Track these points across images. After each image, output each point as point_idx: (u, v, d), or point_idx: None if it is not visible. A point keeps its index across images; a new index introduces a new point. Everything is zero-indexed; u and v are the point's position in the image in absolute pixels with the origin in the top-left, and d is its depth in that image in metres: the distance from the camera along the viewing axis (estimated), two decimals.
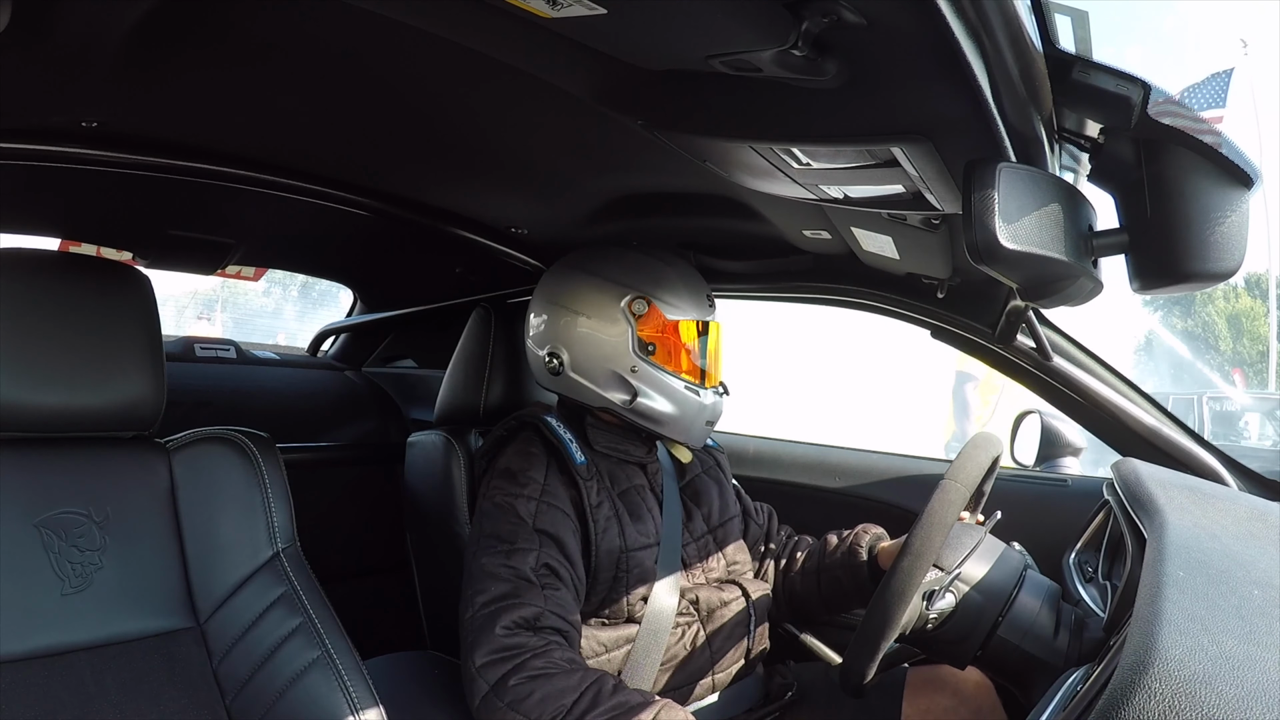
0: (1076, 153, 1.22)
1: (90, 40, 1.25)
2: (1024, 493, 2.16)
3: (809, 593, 1.99)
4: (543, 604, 1.55)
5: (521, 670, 1.45)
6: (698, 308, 1.84)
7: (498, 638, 1.49)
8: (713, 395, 1.85)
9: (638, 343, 1.80)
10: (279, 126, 1.73)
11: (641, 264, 1.86)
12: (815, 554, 2.00)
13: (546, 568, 1.60)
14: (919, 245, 1.65)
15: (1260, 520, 1.29)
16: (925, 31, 0.85)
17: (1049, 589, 1.50)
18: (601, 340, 1.82)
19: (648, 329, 1.81)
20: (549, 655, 1.48)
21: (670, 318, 1.81)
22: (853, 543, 1.92)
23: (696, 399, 1.82)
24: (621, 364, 1.81)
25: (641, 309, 1.81)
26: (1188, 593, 0.90)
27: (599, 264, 1.87)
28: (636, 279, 1.83)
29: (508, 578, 1.56)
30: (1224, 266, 1.01)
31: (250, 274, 3.12)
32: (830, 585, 1.94)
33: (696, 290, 1.85)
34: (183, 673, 1.38)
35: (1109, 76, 1.00)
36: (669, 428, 1.82)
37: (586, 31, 1.06)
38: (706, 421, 1.86)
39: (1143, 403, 1.93)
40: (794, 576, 2.02)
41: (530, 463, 1.72)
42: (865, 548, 1.90)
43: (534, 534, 1.62)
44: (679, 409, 1.81)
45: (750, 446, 2.71)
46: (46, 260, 1.44)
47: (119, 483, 1.43)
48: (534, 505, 1.66)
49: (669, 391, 1.80)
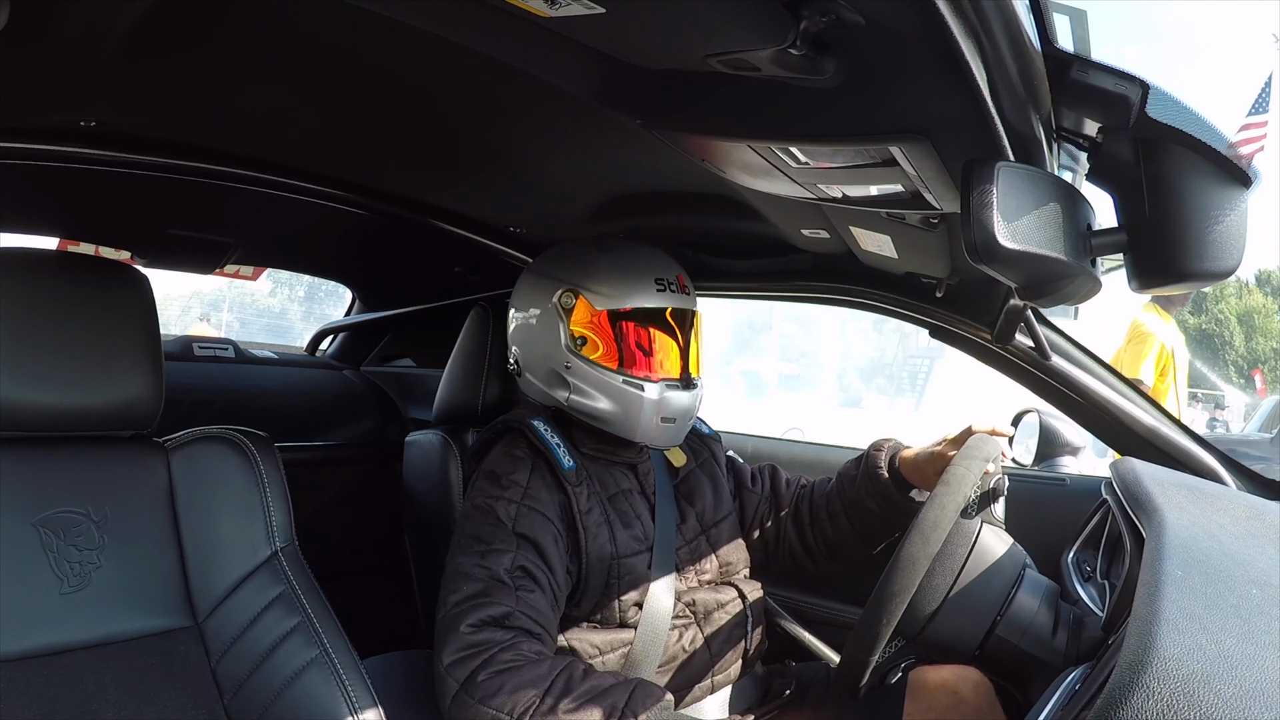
0: (1075, 152, 1.22)
1: (89, 40, 1.25)
2: (1022, 492, 2.16)
3: (842, 534, 1.94)
4: (513, 604, 1.52)
5: (490, 665, 1.43)
6: (639, 294, 1.75)
7: (463, 635, 1.47)
8: (662, 389, 1.74)
9: (570, 337, 1.77)
10: (278, 126, 1.73)
11: (575, 255, 1.82)
12: (836, 494, 1.96)
13: (522, 570, 1.57)
14: (918, 244, 1.65)
15: (1258, 519, 1.30)
16: (924, 30, 0.85)
17: (1047, 588, 1.50)
18: (540, 338, 1.81)
19: (578, 322, 1.77)
20: (517, 648, 1.46)
21: (599, 308, 1.75)
22: (870, 465, 1.88)
23: (638, 394, 1.73)
24: (558, 361, 1.79)
25: (569, 302, 1.77)
26: (1186, 592, 0.90)
27: (542, 260, 1.86)
28: (566, 271, 1.80)
29: (480, 578, 1.54)
30: (1222, 266, 1.01)
31: (249, 273, 3.12)
32: (863, 519, 1.90)
33: (638, 275, 1.77)
34: (181, 672, 1.38)
35: (1107, 76, 1.00)
36: (615, 426, 1.76)
37: (585, 30, 1.06)
38: (662, 418, 1.76)
39: (1141, 402, 1.93)
40: (823, 524, 1.97)
41: (514, 466, 1.71)
42: (885, 467, 1.86)
43: (512, 536, 1.60)
44: (618, 405, 1.75)
45: (749, 445, 2.71)
46: (45, 259, 1.43)
47: (117, 482, 1.43)
48: (514, 508, 1.64)
49: (604, 387, 1.75)
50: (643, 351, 1.77)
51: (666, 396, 1.75)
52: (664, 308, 1.77)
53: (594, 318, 1.76)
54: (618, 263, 1.78)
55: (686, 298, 1.81)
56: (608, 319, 1.75)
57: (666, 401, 1.75)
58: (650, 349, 1.77)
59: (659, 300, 1.76)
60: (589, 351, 1.76)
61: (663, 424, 1.77)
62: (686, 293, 1.82)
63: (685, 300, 1.81)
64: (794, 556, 2.01)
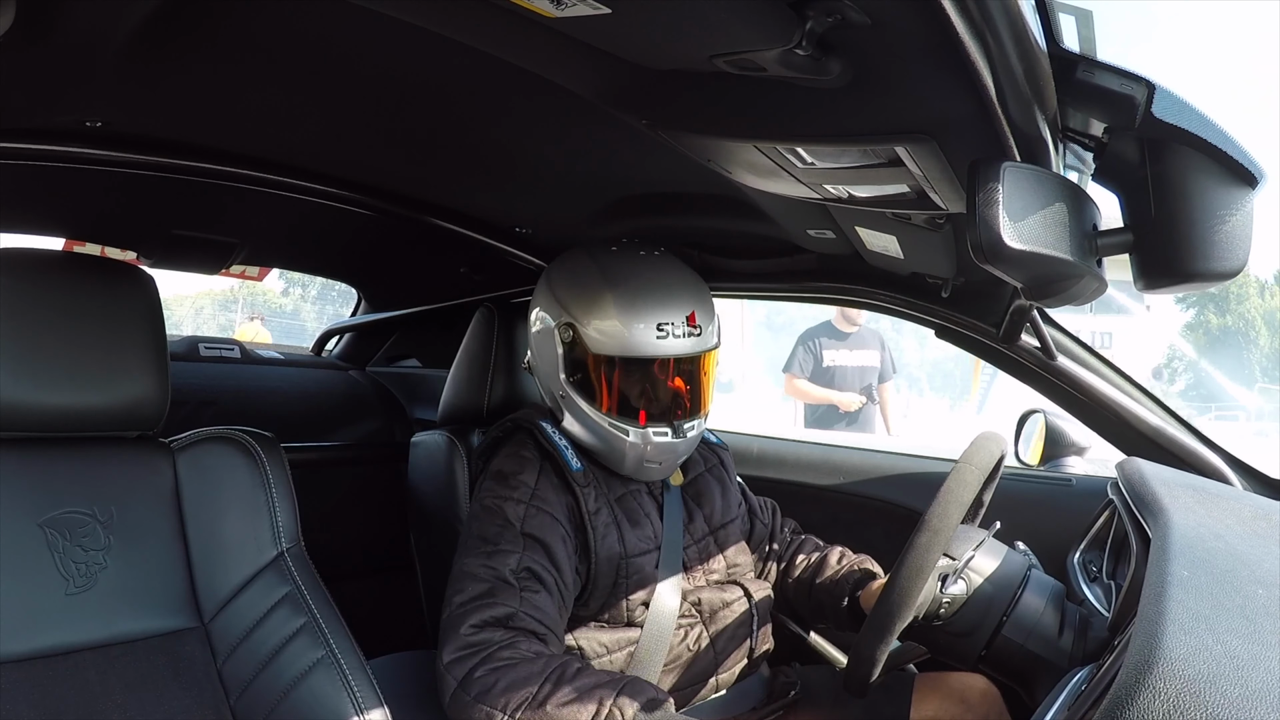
0: (1081, 152, 1.22)
1: (94, 40, 1.25)
2: (1028, 492, 2.16)
3: (800, 601, 1.99)
4: (517, 605, 1.52)
5: (487, 663, 1.43)
6: (637, 342, 1.68)
7: (463, 635, 1.47)
8: (648, 436, 1.71)
9: (567, 367, 1.74)
10: (283, 126, 1.73)
11: (584, 283, 1.74)
12: (811, 569, 1.98)
13: (528, 571, 1.57)
14: (923, 245, 1.65)
15: (1265, 520, 1.29)
16: (929, 31, 0.85)
17: (1053, 588, 1.49)
18: (544, 357, 1.80)
19: (573, 357, 1.74)
20: (515, 647, 1.46)
21: (594, 351, 1.70)
22: (842, 577, 1.88)
23: (622, 438, 1.72)
24: (555, 384, 1.78)
25: (567, 336, 1.73)
26: (1192, 592, 0.90)
27: (556, 271, 1.83)
28: (570, 300, 1.74)
29: (486, 578, 1.54)
30: (1228, 266, 1.01)
31: (255, 274, 3.13)
32: (815, 606, 1.94)
33: (640, 320, 1.68)
34: (187, 672, 1.39)
35: (1113, 76, 1.00)
36: (602, 458, 1.77)
37: (590, 31, 1.06)
38: (646, 461, 1.74)
39: (1147, 402, 1.93)
40: (789, 583, 2.01)
41: (521, 466, 1.71)
42: (849, 591, 1.85)
43: (520, 537, 1.60)
44: (604, 444, 1.75)
45: (754, 446, 2.71)
46: (51, 260, 1.44)
47: (123, 482, 1.43)
48: (522, 509, 1.64)
49: (590, 425, 1.74)
50: (632, 399, 1.74)
51: (654, 443, 1.73)
52: (664, 359, 1.72)
53: (588, 357, 1.72)
54: (621, 303, 1.69)
55: (693, 340, 1.72)
56: (602, 363, 1.72)
57: (652, 447, 1.73)
58: (642, 397, 1.74)
59: (658, 349, 1.69)
60: (580, 387, 1.75)
61: (647, 465, 1.76)
62: (696, 332, 1.72)
63: (690, 345, 1.71)
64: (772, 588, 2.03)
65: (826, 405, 5.22)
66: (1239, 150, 0.98)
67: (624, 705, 1.36)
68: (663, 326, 1.68)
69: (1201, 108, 0.97)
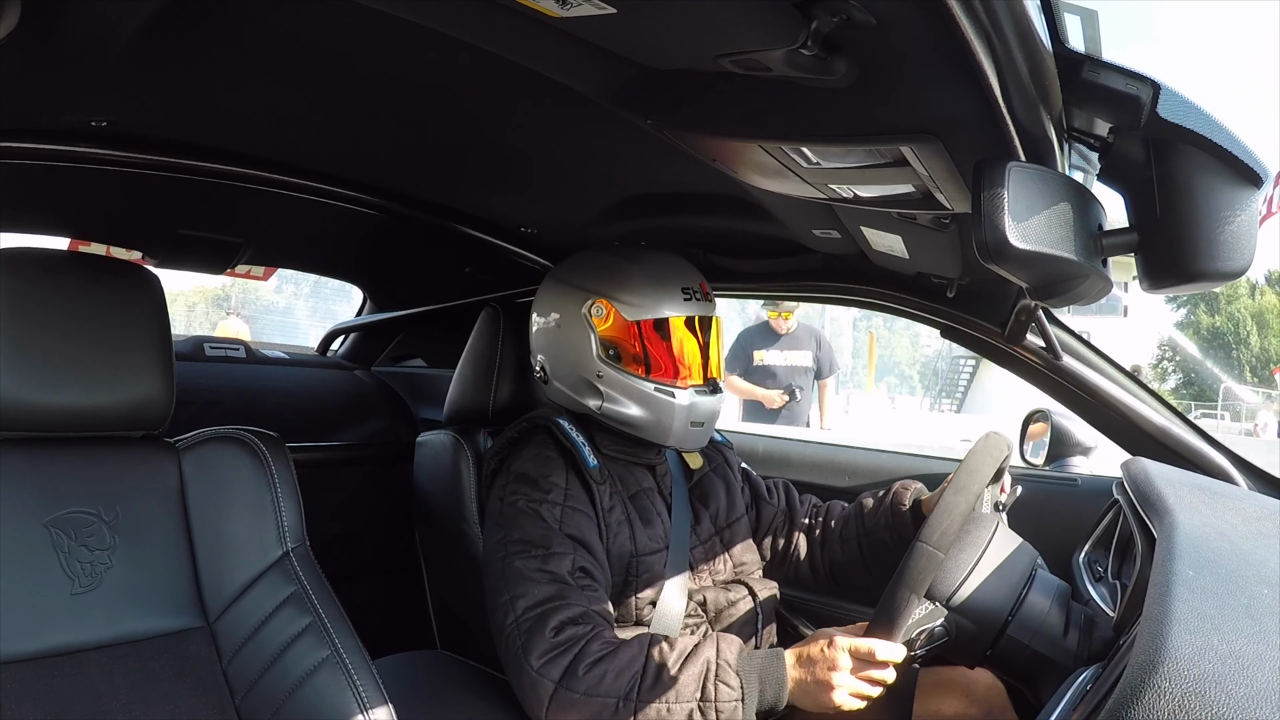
0: (1086, 152, 1.21)
1: (100, 39, 1.26)
2: (1034, 492, 2.15)
3: (851, 560, 1.98)
4: (585, 603, 1.56)
5: (585, 657, 1.47)
6: (668, 304, 1.79)
7: (548, 638, 1.50)
8: (691, 395, 1.79)
9: (600, 347, 1.80)
10: (289, 126, 1.73)
11: (604, 265, 1.85)
12: (853, 519, 2.00)
13: (582, 570, 1.61)
14: (929, 244, 1.65)
15: (1270, 520, 1.29)
16: (935, 31, 0.85)
17: (1059, 588, 1.49)
18: (570, 347, 1.83)
19: (609, 332, 1.80)
20: (601, 638, 1.51)
21: (630, 319, 1.78)
22: (894, 500, 1.91)
23: (669, 400, 1.78)
24: (589, 370, 1.81)
25: (600, 312, 1.80)
26: (1198, 592, 0.90)
27: (568, 269, 1.89)
28: (595, 282, 1.82)
29: (547, 581, 1.57)
30: (1233, 266, 1.01)
31: (260, 273, 3.13)
32: (874, 548, 1.94)
33: (666, 285, 1.81)
34: (192, 672, 1.39)
35: (1119, 76, 1.00)
36: (646, 431, 1.80)
37: (596, 31, 1.06)
38: (692, 423, 1.81)
39: (1152, 402, 1.92)
40: (833, 546, 2.01)
41: (550, 467, 1.73)
42: (908, 503, 1.89)
43: (565, 539, 1.63)
44: (650, 412, 1.78)
45: (760, 446, 2.71)
46: (56, 260, 1.44)
47: (128, 482, 1.43)
48: (559, 510, 1.67)
49: (636, 395, 1.78)
50: (671, 359, 1.80)
51: (696, 402, 1.80)
52: (691, 315, 1.81)
53: (625, 328, 1.78)
54: (647, 274, 1.81)
55: (709, 304, 1.85)
56: (638, 329, 1.78)
57: (696, 406, 1.80)
58: (678, 356, 1.81)
59: (686, 309, 1.81)
60: (620, 360, 1.79)
61: (692, 428, 1.81)
62: (709, 299, 1.86)
63: (708, 307, 1.85)
64: (797, 571, 2.06)
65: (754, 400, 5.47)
66: (1244, 150, 0.97)
67: (725, 652, 1.45)
68: (685, 289, 1.82)
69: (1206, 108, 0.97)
